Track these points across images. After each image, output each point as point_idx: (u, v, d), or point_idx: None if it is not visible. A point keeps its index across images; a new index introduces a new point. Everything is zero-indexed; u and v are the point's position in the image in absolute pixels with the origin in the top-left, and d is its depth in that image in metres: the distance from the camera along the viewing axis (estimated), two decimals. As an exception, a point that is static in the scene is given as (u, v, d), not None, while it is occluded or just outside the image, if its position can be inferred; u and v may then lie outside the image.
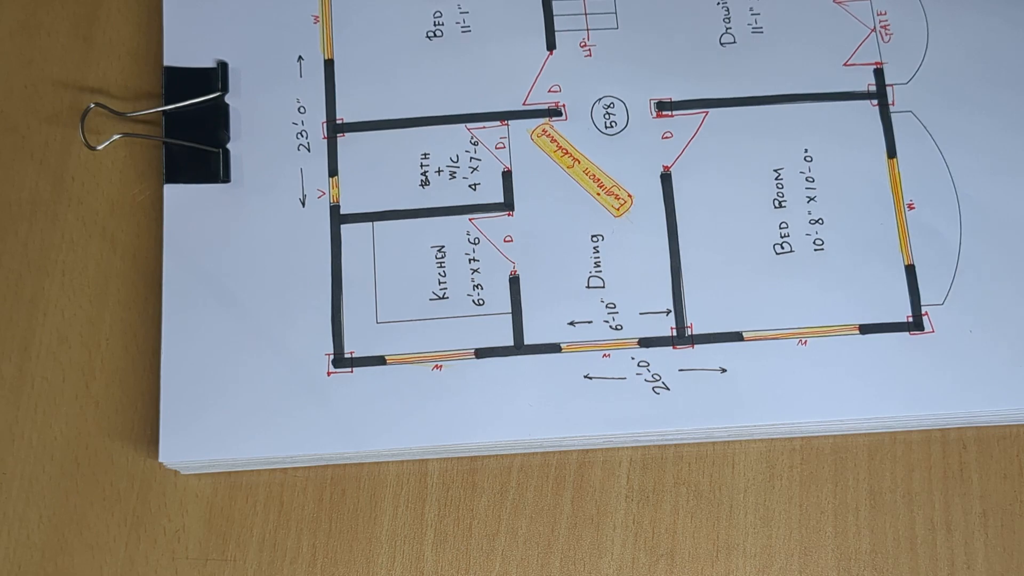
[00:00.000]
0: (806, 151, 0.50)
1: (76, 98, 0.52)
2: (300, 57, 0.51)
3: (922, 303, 0.49)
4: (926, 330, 0.48)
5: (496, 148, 0.50)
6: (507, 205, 0.50)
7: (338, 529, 0.48)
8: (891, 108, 0.51)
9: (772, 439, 0.48)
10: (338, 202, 0.50)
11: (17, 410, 0.49)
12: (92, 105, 0.50)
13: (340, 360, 0.48)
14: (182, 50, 0.51)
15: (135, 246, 0.50)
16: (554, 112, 0.51)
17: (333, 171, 0.50)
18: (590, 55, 0.51)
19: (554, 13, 0.52)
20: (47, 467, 0.48)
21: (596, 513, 0.48)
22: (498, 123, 0.51)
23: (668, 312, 0.49)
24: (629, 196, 0.50)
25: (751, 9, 0.52)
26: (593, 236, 0.49)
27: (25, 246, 0.50)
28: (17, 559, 0.48)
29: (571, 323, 0.48)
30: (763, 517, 0.48)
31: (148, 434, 0.49)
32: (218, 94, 0.51)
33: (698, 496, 0.48)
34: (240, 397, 0.47)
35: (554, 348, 0.48)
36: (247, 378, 0.47)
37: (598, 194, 0.50)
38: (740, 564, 0.48)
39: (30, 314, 0.50)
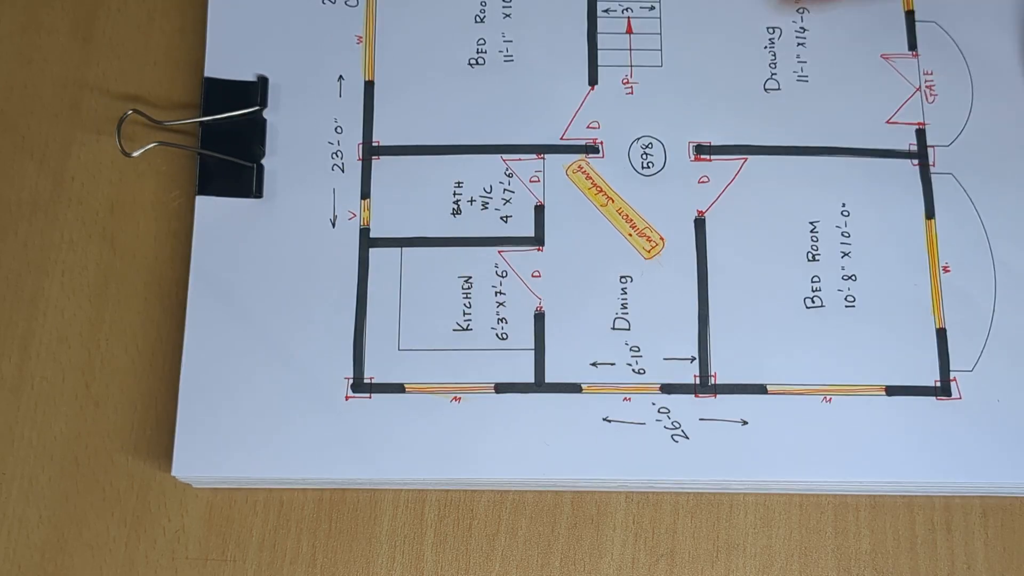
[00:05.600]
0: (844, 205, 0.50)
1: (76, 96, 0.52)
2: (341, 77, 0.51)
3: (951, 368, 0.48)
4: (953, 396, 0.48)
5: (530, 181, 0.50)
6: (537, 240, 0.49)
7: (338, 529, 0.48)
8: (932, 169, 0.50)
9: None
10: (368, 225, 0.50)
11: (17, 410, 0.49)
12: (129, 112, 0.50)
13: (359, 385, 0.48)
14: (224, 62, 0.51)
15: (135, 246, 0.50)
16: (591, 149, 0.50)
17: (366, 193, 0.50)
18: (632, 93, 0.51)
19: (598, 47, 0.51)
20: (47, 467, 0.48)
21: (596, 513, 0.48)
22: (534, 156, 0.50)
23: (692, 359, 0.48)
24: (661, 239, 0.49)
25: (798, 57, 0.51)
26: (622, 277, 0.49)
27: (25, 246, 0.50)
28: (17, 559, 0.48)
29: (593, 364, 0.48)
30: (763, 517, 0.48)
31: (148, 434, 0.49)
32: (257, 108, 0.50)
33: (698, 496, 0.48)
34: (257, 416, 0.47)
35: (575, 388, 0.48)
36: (265, 397, 0.47)
37: (630, 235, 0.49)
38: (740, 564, 0.48)
39: (30, 314, 0.50)
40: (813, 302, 0.49)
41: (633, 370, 0.48)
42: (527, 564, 0.48)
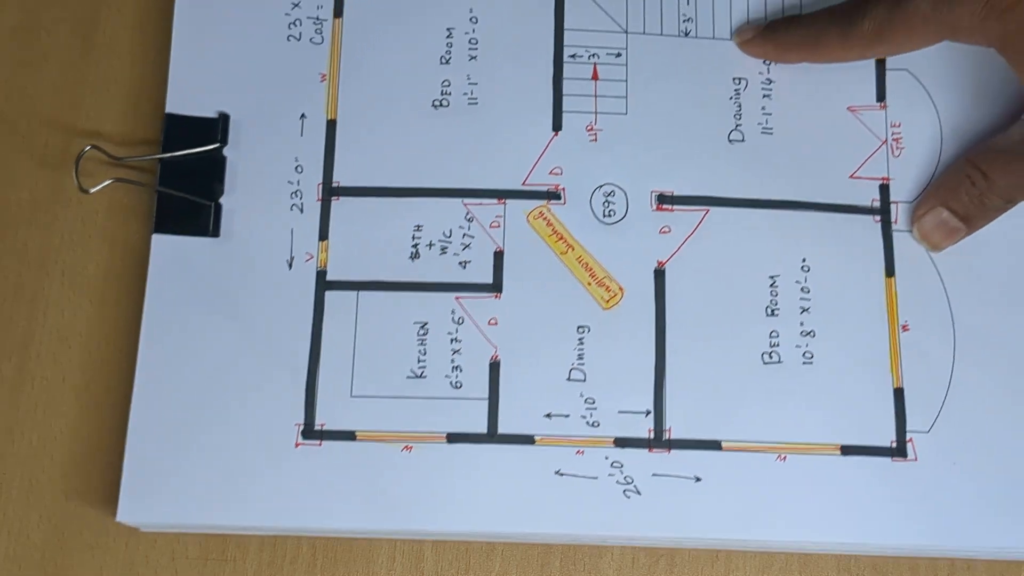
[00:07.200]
0: (804, 260, 0.49)
1: (77, 100, 0.52)
2: (303, 115, 0.51)
3: (908, 429, 0.48)
4: (909, 457, 0.47)
5: (491, 227, 0.49)
6: (495, 287, 0.49)
7: (338, 529, 0.48)
8: (894, 226, 0.50)
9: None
10: (325, 267, 0.49)
11: (17, 410, 0.49)
12: (88, 147, 0.49)
13: (310, 432, 0.47)
14: (185, 98, 0.51)
15: (135, 247, 0.50)
16: (553, 195, 0.50)
17: (324, 234, 0.49)
18: (595, 140, 0.51)
19: (563, 93, 0.51)
20: (47, 467, 0.48)
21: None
22: (495, 201, 0.50)
23: (647, 413, 0.48)
24: (620, 289, 0.49)
25: (763, 108, 0.51)
26: (579, 327, 0.48)
27: (25, 246, 0.50)
28: (17, 559, 0.48)
29: (548, 415, 0.48)
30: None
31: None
32: (216, 146, 0.50)
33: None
34: (206, 462, 0.47)
35: (528, 439, 0.47)
36: (215, 443, 0.47)
37: (589, 284, 0.49)
38: (740, 564, 0.48)
39: (30, 314, 0.50)
40: (771, 357, 0.48)
41: (587, 422, 0.48)
42: (527, 564, 0.48)
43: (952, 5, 0.44)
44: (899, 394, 0.48)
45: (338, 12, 0.52)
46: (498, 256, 0.49)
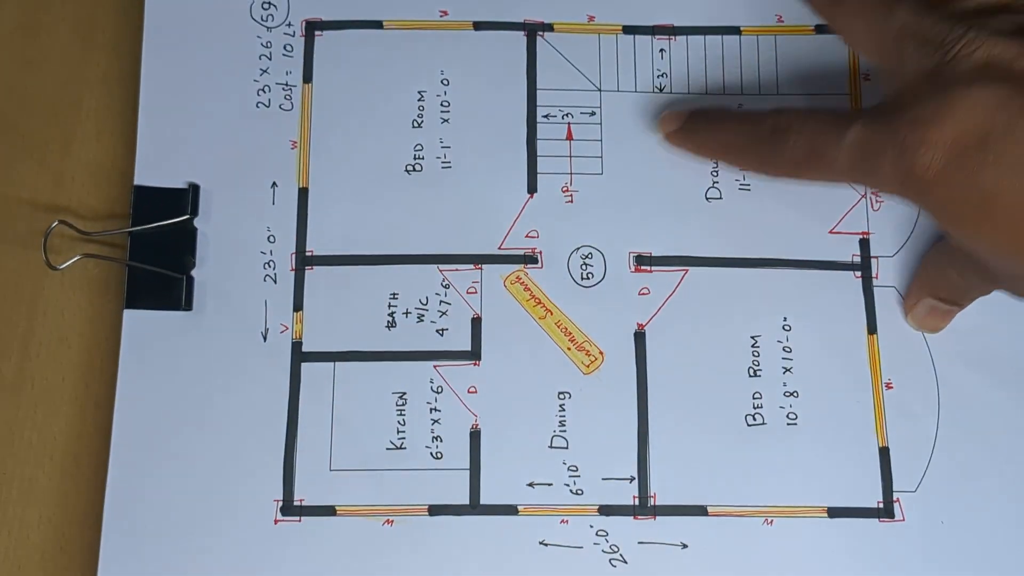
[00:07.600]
0: (785, 319, 0.49)
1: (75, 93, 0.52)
2: (274, 184, 0.50)
3: (894, 489, 0.47)
4: (896, 518, 0.47)
5: (467, 293, 0.49)
6: (474, 354, 0.48)
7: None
8: (874, 282, 0.49)
9: None
10: (300, 339, 0.48)
11: (17, 410, 0.48)
12: (56, 223, 0.48)
13: (289, 508, 0.46)
14: (154, 169, 0.50)
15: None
16: (530, 259, 0.49)
17: (298, 305, 0.49)
18: (571, 201, 0.50)
19: (538, 154, 0.50)
20: (47, 467, 0.48)
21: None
22: (471, 266, 0.49)
23: (632, 480, 0.47)
24: (600, 353, 0.48)
25: (740, 164, 0.50)
26: (560, 393, 0.48)
27: (25, 246, 0.50)
28: (16, 559, 0.47)
29: (530, 484, 0.47)
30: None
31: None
32: (186, 217, 0.49)
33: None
34: (183, 542, 0.46)
35: (511, 510, 0.47)
36: (192, 522, 0.46)
37: (568, 348, 0.48)
38: None
39: (30, 314, 0.49)
40: (755, 419, 0.48)
41: (571, 491, 0.47)
42: None
43: (867, 176, 0.42)
44: (884, 453, 0.47)
45: (307, 78, 0.51)
46: (476, 323, 0.49)
